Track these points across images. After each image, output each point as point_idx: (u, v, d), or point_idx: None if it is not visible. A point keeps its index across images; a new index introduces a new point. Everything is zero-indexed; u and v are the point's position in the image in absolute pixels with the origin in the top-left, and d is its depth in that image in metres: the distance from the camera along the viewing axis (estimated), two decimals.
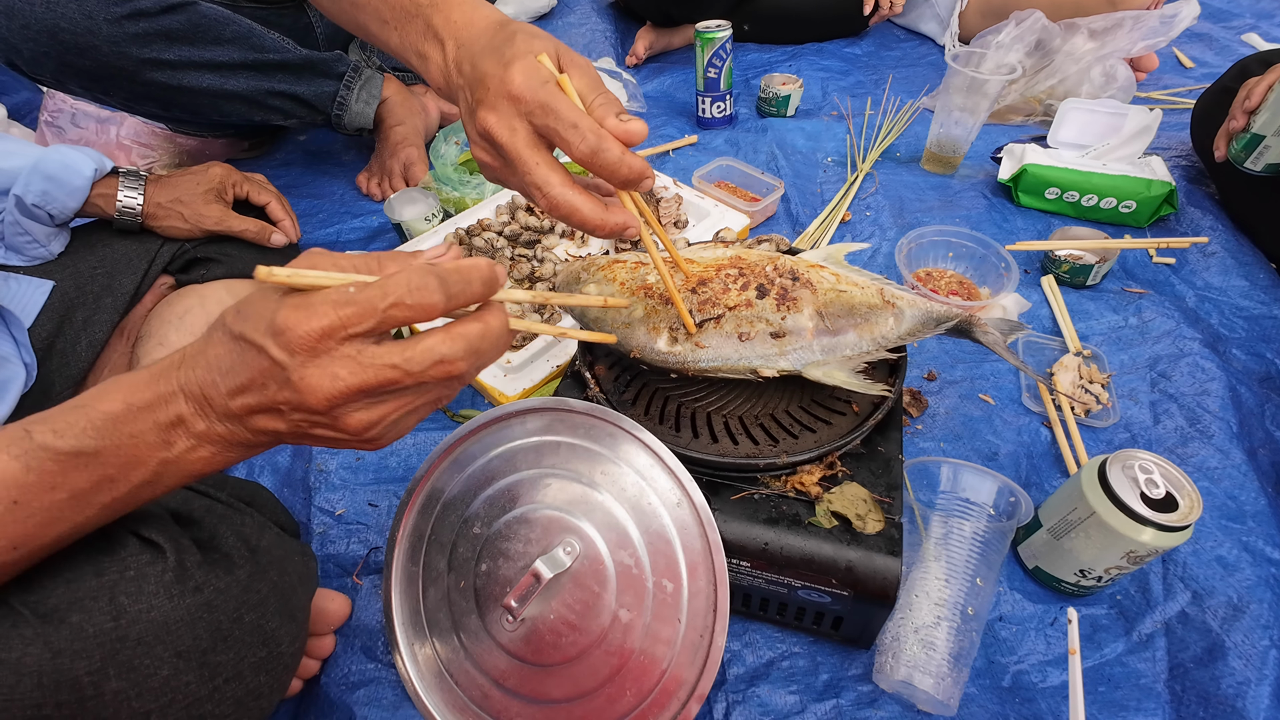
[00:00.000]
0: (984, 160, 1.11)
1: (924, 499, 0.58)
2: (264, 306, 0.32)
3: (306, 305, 0.31)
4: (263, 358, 0.31)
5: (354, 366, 0.31)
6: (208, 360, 0.33)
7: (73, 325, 0.68)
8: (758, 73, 1.39)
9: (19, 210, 0.65)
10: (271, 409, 0.33)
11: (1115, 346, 0.79)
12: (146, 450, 0.33)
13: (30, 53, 0.75)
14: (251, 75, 0.89)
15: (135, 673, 0.34)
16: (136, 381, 0.33)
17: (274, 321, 0.31)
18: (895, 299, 0.57)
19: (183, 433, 0.33)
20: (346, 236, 1.04)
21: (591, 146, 0.40)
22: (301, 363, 0.31)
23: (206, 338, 0.34)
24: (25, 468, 0.31)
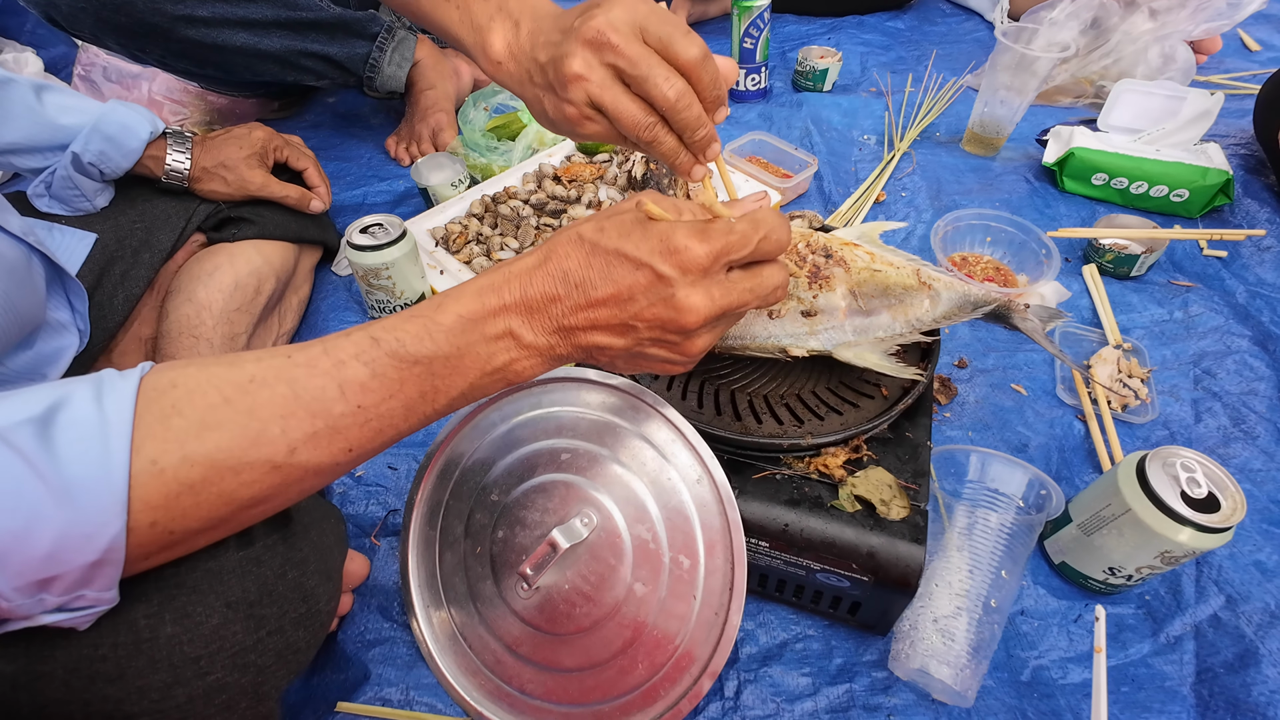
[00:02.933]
0: (1028, 143, 1.07)
1: (950, 488, 0.56)
2: (644, 228, 0.34)
3: (701, 230, 0.34)
4: (644, 273, 0.34)
5: (725, 288, 0.35)
6: (549, 272, 0.35)
7: (111, 278, 0.68)
8: (795, 45, 1.35)
9: (74, 167, 0.66)
10: (623, 325, 0.35)
11: (1158, 341, 0.76)
12: (471, 361, 0.35)
13: (68, 8, 0.75)
14: (284, 34, 0.88)
15: (189, 619, 0.35)
16: (467, 293, 0.35)
17: (671, 241, 0.34)
18: (932, 280, 0.55)
19: (509, 344, 0.35)
20: (373, 200, 1.03)
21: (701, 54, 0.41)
22: (691, 282, 0.34)
23: (547, 252, 0.36)
24: (371, 374, 0.32)
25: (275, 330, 0.80)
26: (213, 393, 0.30)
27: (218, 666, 0.36)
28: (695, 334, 0.36)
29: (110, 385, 0.29)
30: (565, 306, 0.35)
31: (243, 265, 0.75)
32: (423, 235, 0.89)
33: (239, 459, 0.30)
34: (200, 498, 0.30)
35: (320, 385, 0.32)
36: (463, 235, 0.87)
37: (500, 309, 0.35)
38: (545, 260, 0.35)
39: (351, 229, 0.75)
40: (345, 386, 0.32)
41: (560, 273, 0.35)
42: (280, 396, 0.31)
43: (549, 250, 0.36)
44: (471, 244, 0.87)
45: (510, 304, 0.35)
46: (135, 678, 0.33)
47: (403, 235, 0.75)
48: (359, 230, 0.74)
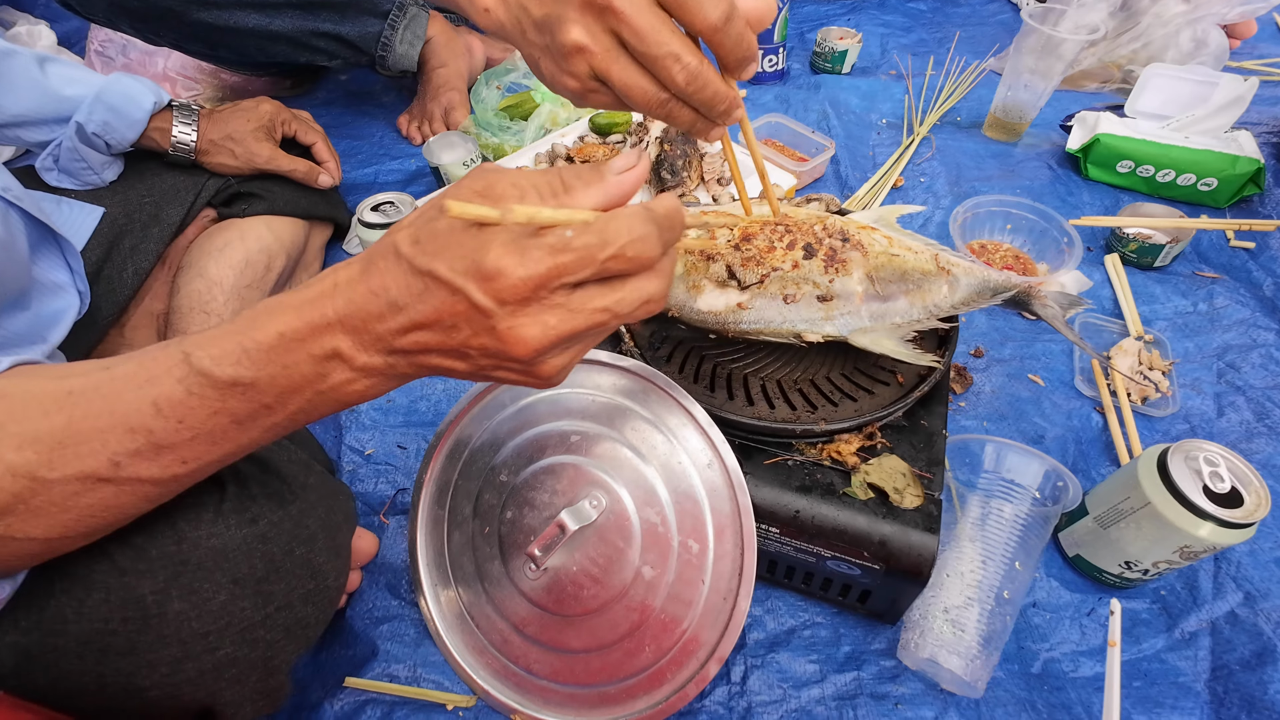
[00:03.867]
0: (1052, 129, 1.04)
1: (964, 478, 0.56)
2: (460, 243, 0.28)
3: (521, 250, 0.28)
4: (459, 300, 0.29)
5: (564, 314, 0.29)
6: (371, 289, 0.30)
7: (120, 252, 0.68)
8: (814, 26, 1.32)
9: (79, 138, 0.65)
10: (455, 350, 0.31)
11: (1181, 333, 0.74)
12: (302, 381, 0.31)
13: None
14: (296, 14, 0.88)
15: (195, 595, 0.35)
16: (286, 308, 0.31)
17: (482, 265, 0.28)
18: (950, 265, 0.54)
19: (339, 365, 0.31)
20: (384, 178, 1.03)
21: (725, 13, 0.34)
22: (511, 312, 0.29)
23: (368, 263, 0.31)
24: (186, 392, 0.30)
25: None
26: (34, 406, 0.30)
27: (226, 641, 0.36)
28: (537, 361, 0.31)
29: None
30: (390, 327, 0.30)
31: (253, 242, 0.74)
32: None
33: (60, 470, 0.30)
34: (33, 506, 0.30)
35: (134, 401, 0.30)
36: None
37: (324, 326, 0.30)
38: (365, 274, 0.30)
39: (363, 207, 0.74)
40: (161, 404, 0.30)
41: (380, 288, 0.30)
42: (96, 411, 0.30)
43: (370, 261, 0.31)
44: None
45: (333, 321, 0.30)
46: (145, 652, 0.34)
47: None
48: (370, 208, 0.74)
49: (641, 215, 0.30)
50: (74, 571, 0.33)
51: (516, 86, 1.13)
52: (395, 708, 0.52)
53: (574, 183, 0.31)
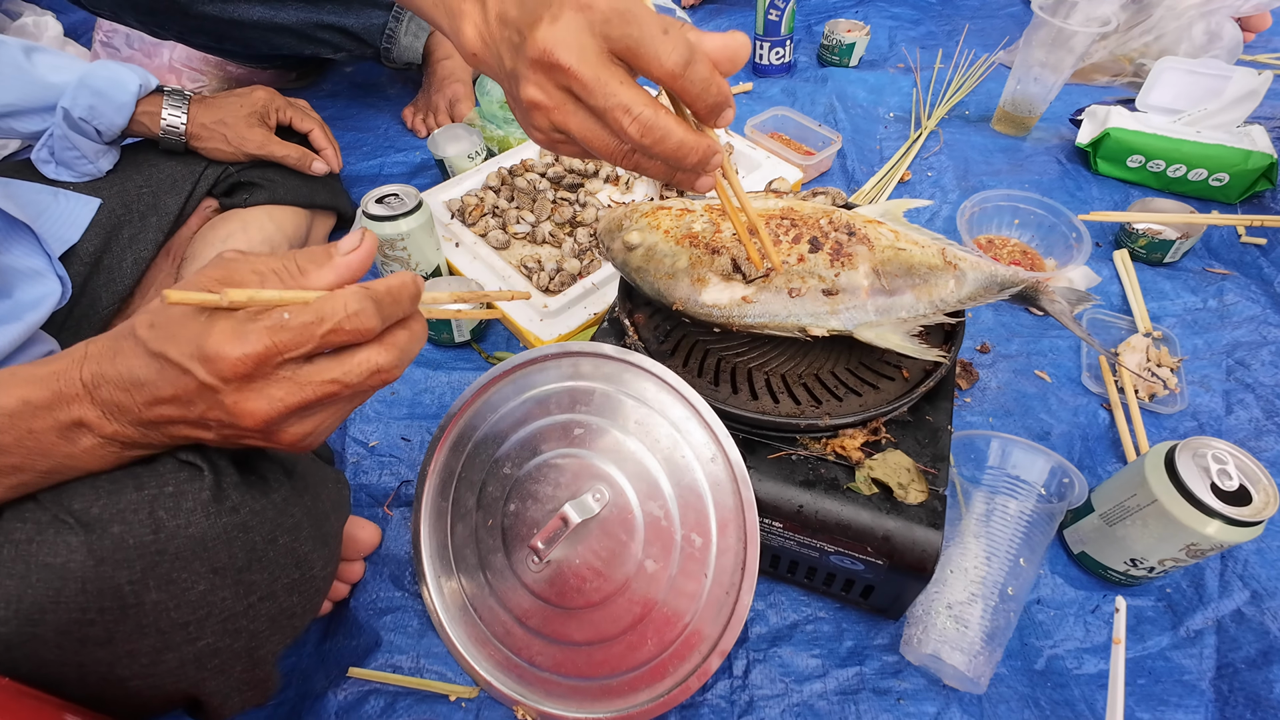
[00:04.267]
0: (1061, 123, 1.03)
1: (969, 474, 0.55)
2: (187, 326, 0.31)
3: (239, 333, 0.30)
4: (188, 379, 0.31)
5: (290, 387, 0.32)
6: (118, 370, 0.32)
7: (119, 242, 0.68)
8: (822, 18, 1.31)
9: (67, 124, 0.65)
10: (197, 423, 0.33)
11: (1190, 330, 0.74)
12: (49, 445, 0.33)
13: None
14: (301, 6, 0.87)
15: (174, 585, 0.35)
16: (33, 377, 0.33)
17: (203, 348, 0.30)
18: (957, 260, 0.54)
19: (87, 433, 0.33)
20: (390, 170, 1.02)
21: (684, 57, 0.33)
22: (236, 388, 0.31)
23: (115, 343, 0.33)
24: None
25: None
26: None
27: (207, 632, 0.36)
28: (274, 430, 0.33)
29: None
30: (136, 401, 0.32)
31: (256, 232, 0.74)
32: (439, 207, 0.88)
33: None
34: None
35: None
36: (479, 208, 0.86)
37: (72, 397, 0.33)
38: (114, 352, 0.33)
39: (367, 198, 0.74)
40: None
41: (125, 368, 0.32)
42: None
43: (117, 340, 0.33)
44: (488, 217, 0.86)
45: (80, 393, 0.33)
46: (124, 642, 0.34)
47: (418, 206, 0.74)
48: (374, 200, 0.74)
49: (358, 293, 0.32)
50: (50, 562, 0.33)
51: None
52: (398, 698, 0.53)
53: (307, 265, 0.33)
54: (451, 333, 0.75)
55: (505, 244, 0.84)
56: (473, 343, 0.77)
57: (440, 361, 0.74)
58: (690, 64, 0.33)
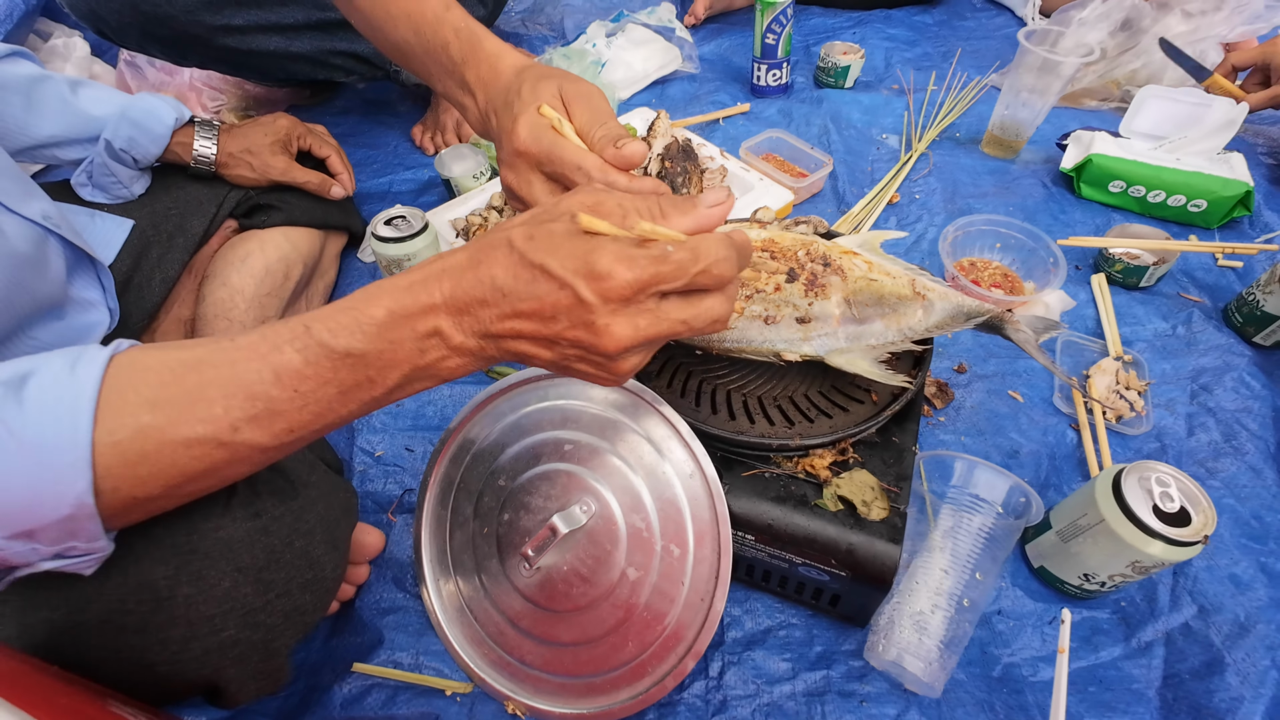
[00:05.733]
0: (1048, 146, 1.06)
1: (935, 490, 0.59)
2: (573, 245, 0.33)
3: (628, 257, 0.32)
4: (566, 294, 0.33)
5: (652, 319, 0.34)
6: (479, 277, 0.34)
7: (148, 261, 0.73)
8: (819, 39, 1.34)
9: (107, 153, 0.70)
10: (547, 339, 0.35)
11: (1159, 354, 0.77)
12: (403, 355, 0.34)
13: (116, 23, 0.80)
14: (315, 35, 0.92)
15: (202, 581, 0.39)
16: (398, 288, 0.34)
17: (593, 266, 0.32)
18: (926, 290, 0.57)
19: (437, 342, 0.35)
20: (398, 187, 1.07)
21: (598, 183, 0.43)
22: (612, 310, 0.33)
23: (477, 253, 0.34)
24: (305, 361, 0.33)
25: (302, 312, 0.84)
26: (165, 372, 0.32)
27: (230, 624, 0.40)
28: (619, 358, 0.35)
29: (86, 358, 0.32)
30: (491, 313, 0.34)
31: (273, 251, 0.79)
32: (444, 225, 0.92)
33: (185, 434, 0.32)
34: (155, 467, 0.32)
35: (257, 369, 0.33)
36: (482, 227, 0.91)
37: (430, 308, 0.34)
38: (475, 263, 0.34)
39: (376, 220, 0.78)
40: (280, 372, 0.33)
41: (488, 277, 0.34)
42: (222, 378, 0.32)
43: (479, 251, 0.35)
44: None
45: (439, 303, 0.34)
46: (156, 631, 0.38)
47: (425, 228, 0.78)
48: (383, 222, 0.78)
49: (725, 241, 0.35)
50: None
51: None
52: (399, 692, 0.57)
53: (670, 210, 0.36)
54: None
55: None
56: None
57: None
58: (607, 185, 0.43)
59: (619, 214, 0.35)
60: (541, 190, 0.46)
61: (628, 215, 0.35)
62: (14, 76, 0.65)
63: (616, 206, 0.35)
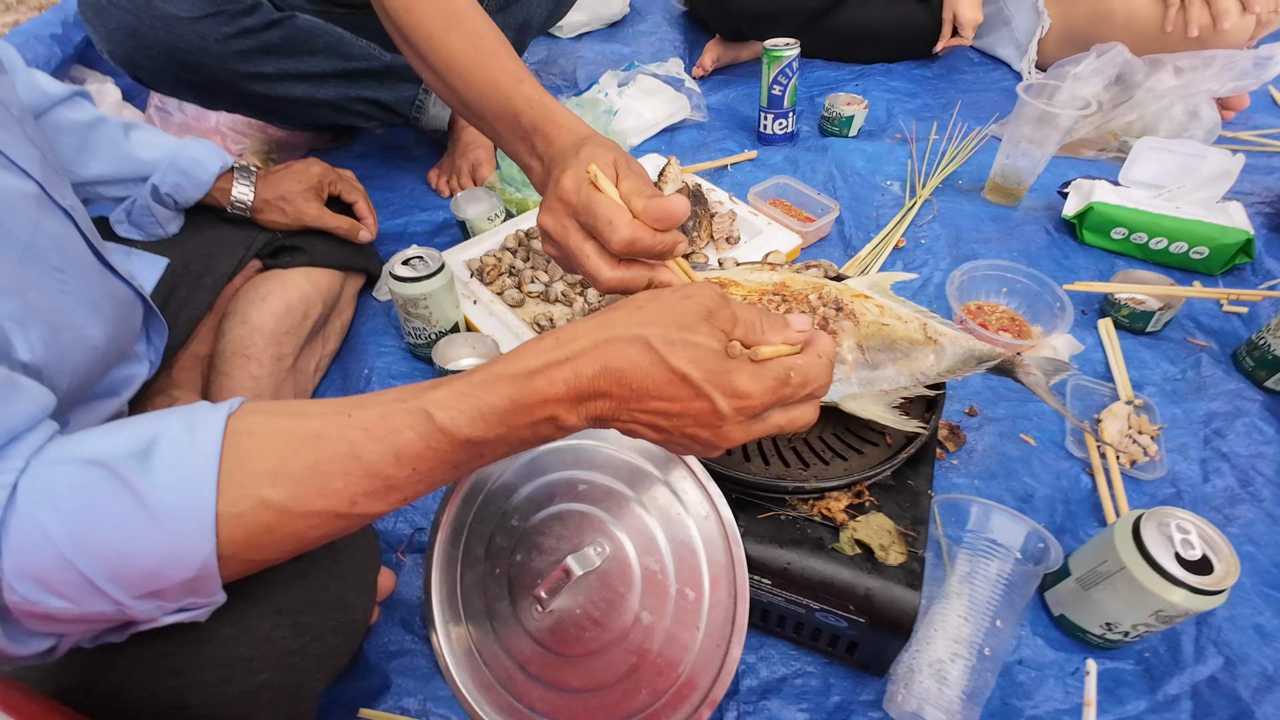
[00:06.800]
0: (1050, 193, 1.09)
1: (952, 534, 0.58)
2: (714, 359, 0.36)
3: (761, 379, 0.37)
4: (703, 403, 0.36)
5: (762, 425, 0.39)
6: (606, 369, 0.36)
7: (176, 300, 0.74)
8: (823, 90, 1.39)
9: (152, 196, 0.72)
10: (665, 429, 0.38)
11: (1170, 399, 0.77)
12: (517, 437, 0.37)
13: (151, 69, 0.84)
14: (339, 83, 0.96)
15: (243, 623, 0.39)
16: (518, 375, 0.36)
17: (734, 385, 0.36)
18: (938, 335, 0.58)
19: (551, 426, 0.37)
20: (414, 229, 1.09)
21: (625, 238, 0.45)
22: (739, 421, 0.37)
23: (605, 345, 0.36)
24: (425, 445, 0.35)
25: (319, 351, 0.85)
26: (284, 446, 0.33)
27: (266, 667, 0.40)
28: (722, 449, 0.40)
29: (203, 422, 0.33)
30: (613, 403, 0.36)
31: (293, 291, 0.80)
32: (459, 266, 0.94)
33: (306, 507, 0.33)
34: (274, 537, 0.33)
35: (378, 451, 0.34)
36: (496, 268, 0.92)
37: (551, 399, 0.36)
38: (602, 354, 0.36)
39: (394, 261, 0.80)
40: (401, 454, 0.34)
41: (617, 372, 0.35)
42: (342, 455, 0.34)
43: (607, 344, 0.36)
44: (504, 276, 0.92)
45: (561, 395, 0.36)
46: (194, 673, 0.38)
47: (441, 268, 0.80)
48: (401, 262, 0.80)
49: (828, 366, 0.40)
50: None
51: None
52: None
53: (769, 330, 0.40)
54: None
55: (520, 302, 0.89)
56: None
57: None
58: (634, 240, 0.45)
59: (731, 322, 0.39)
60: (575, 237, 0.48)
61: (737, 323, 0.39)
62: (72, 120, 0.68)
63: (731, 315, 0.39)
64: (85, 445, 0.31)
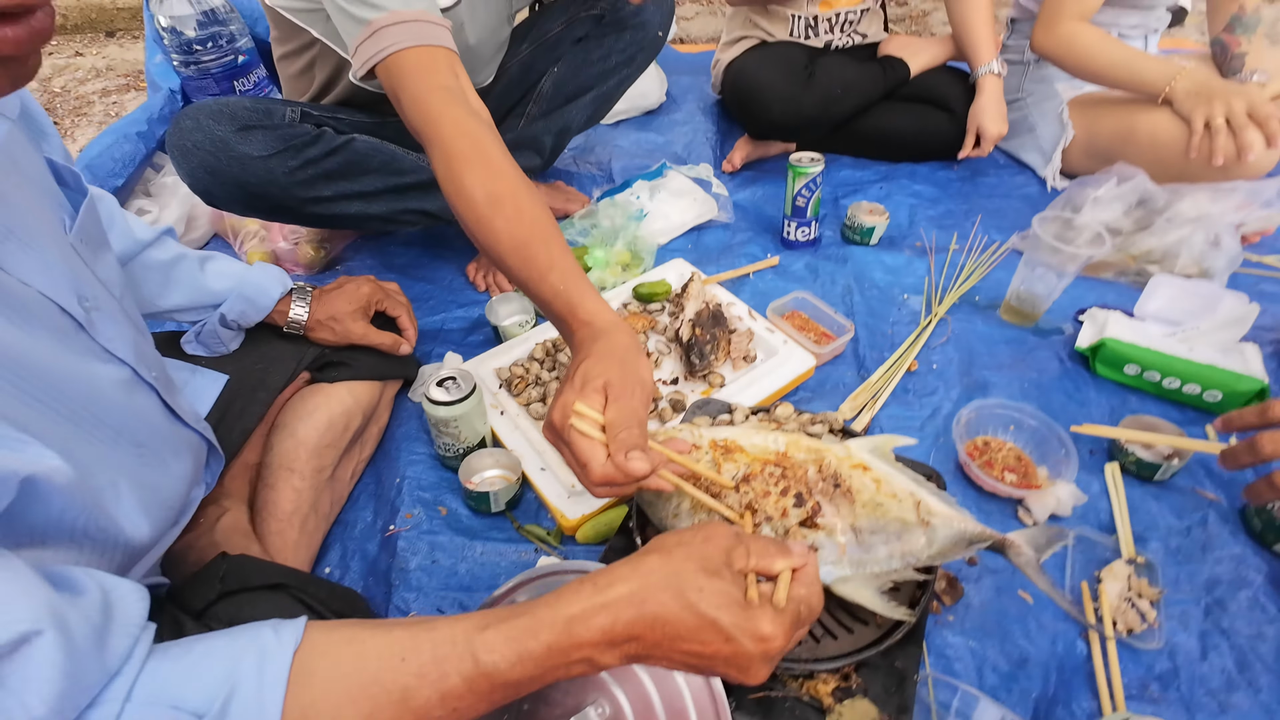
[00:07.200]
0: (1066, 315, 1.11)
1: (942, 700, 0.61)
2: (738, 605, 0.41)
3: (781, 621, 0.42)
4: (731, 645, 0.41)
5: (779, 657, 0.43)
6: (642, 615, 0.40)
7: (232, 413, 0.81)
8: (848, 191, 1.44)
9: (220, 323, 0.80)
10: (694, 666, 0.42)
11: (1173, 557, 0.78)
12: (552, 676, 0.41)
13: (224, 197, 0.94)
14: (390, 198, 1.04)
15: None
16: (557, 622, 0.40)
17: (759, 629, 0.41)
18: (930, 515, 0.61)
19: (585, 666, 0.41)
20: (450, 325, 1.16)
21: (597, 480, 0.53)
22: (763, 661, 0.42)
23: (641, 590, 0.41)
24: (468, 687, 0.39)
25: (356, 458, 0.92)
26: (343, 693, 0.37)
27: None
28: None
29: (270, 660, 0.37)
30: (646, 644, 0.40)
31: (336, 405, 0.87)
32: (489, 374, 1.00)
33: None
34: None
35: (427, 695, 0.38)
36: (523, 380, 0.98)
37: (587, 643, 0.39)
38: (639, 600, 0.40)
39: (429, 380, 0.86)
40: (446, 696, 0.38)
41: (651, 619, 0.40)
42: (394, 702, 0.38)
43: (643, 590, 0.40)
44: (530, 388, 0.98)
45: (596, 640, 0.39)
46: None
47: (473, 391, 0.86)
48: (435, 383, 0.86)
49: (819, 591, 0.46)
50: None
51: (573, 243, 1.27)
52: None
53: (776, 553, 0.45)
54: (489, 504, 0.85)
55: (544, 416, 0.95)
56: (507, 512, 0.87)
57: (477, 530, 0.84)
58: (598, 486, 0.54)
59: (745, 556, 0.44)
60: (565, 454, 0.55)
61: (750, 555, 0.44)
62: (157, 260, 0.76)
63: (744, 550, 0.44)
64: (172, 689, 0.35)
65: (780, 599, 0.43)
